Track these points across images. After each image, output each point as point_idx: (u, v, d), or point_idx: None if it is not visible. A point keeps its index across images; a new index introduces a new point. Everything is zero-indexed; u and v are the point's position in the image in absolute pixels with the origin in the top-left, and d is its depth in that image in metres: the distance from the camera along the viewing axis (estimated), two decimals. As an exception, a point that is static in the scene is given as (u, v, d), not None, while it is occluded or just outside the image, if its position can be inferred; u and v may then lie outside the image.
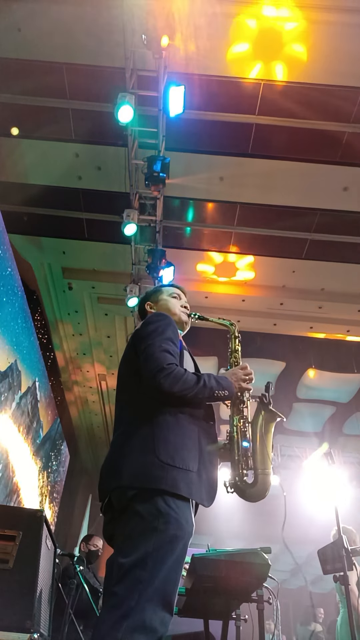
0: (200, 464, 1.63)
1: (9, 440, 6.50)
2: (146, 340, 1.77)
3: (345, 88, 5.33)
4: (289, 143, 5.93)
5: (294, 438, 11.22)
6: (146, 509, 1.49)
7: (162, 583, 1.40)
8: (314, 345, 8.91)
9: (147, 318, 1.96)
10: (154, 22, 4.35)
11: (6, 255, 6.18)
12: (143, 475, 1.53)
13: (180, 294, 2.25)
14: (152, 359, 1.69)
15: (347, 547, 3.15)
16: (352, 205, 6.55)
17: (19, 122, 6.00)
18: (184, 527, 1.50)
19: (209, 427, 1.77)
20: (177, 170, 6.30)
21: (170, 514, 1.48)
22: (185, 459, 1.59)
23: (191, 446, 1.64)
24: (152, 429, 1.62)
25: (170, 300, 2.19)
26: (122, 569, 1.41)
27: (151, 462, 1.55)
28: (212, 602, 2.62)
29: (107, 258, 7.65)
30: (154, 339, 1.76)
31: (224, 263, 7.66)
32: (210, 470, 1.68)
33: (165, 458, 1.55)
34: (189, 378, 1.68)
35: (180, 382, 1.64)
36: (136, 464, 1.56)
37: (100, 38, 5.11)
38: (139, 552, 1.42)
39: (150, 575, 1.39)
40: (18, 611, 2.20)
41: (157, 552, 1.42)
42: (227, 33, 5.01)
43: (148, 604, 1.35)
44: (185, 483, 1.54)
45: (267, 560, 2.36)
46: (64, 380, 10.84)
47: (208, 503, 1.63)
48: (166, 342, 1.76)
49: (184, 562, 1.53)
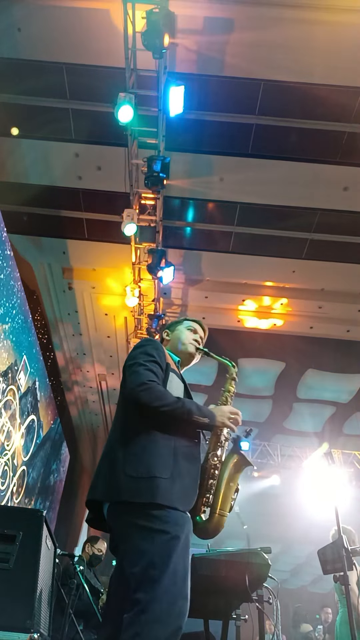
0: (174, 472, 1.74)
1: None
2: (133, 359, 1.96)
3: (345, 88, 5.33)
4: (289, 143, 5.93)
5: (294, 438, 11.23)
6: (140, 519, 1.65)
7: (172, 576, 1.57)
8: (314, 345, 8.91)
9: (138, 342, 2.18)
10: (154, 22, 4.35)
11: (6, 255, 6.18)
12: (119, 490, 1.70)
13: (198, 329, 2.35)
14: (135, 374, 1.87)
15: (347, 547, 3.16)
16: (352, 205, 6.55)
17: (19, 122, 6.00)
18: (177, 525, 1.66)
19: (190, 444, 1.88)
20: (177, 170, 6.30)
21: (161, 518, 1.65)
22: (153, 468, 1.71)
23: (165, 456, 1.77)
24: (128, 444, 1.79)
25: (185, 331, 2.31)
26: (136, 577, 1.57)
27: (123, 477, 1.71)
28: (212, 602, 2.62)
29: (107, 258, 7.65)
30: (140, 359, 1.95)
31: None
32: (187, 479, 1.79)
33: (131, 472, 1.71)
34: (167, 395, 1.84)
35: (159, 397, 1.80)
36: (113, 479, 1.74)
37: (100, 38, 5.11)
38: (145, 556, 1.59)
39: (160, 572, 1.55)
40: (18, 611, 2.20)
41: (161, 550, 1.59)
42: (228, 32, 5.01)
43: (164, 597, 1.53)
44: (151, 490, 1.67)
45: (267, 560, 2.36)
46: (64, 380, 10.84)
47: (182, 507, 1.73)
48: (150, 362, 1.93)
49: (189, 553, 1.68)
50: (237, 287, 7.95)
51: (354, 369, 9.25)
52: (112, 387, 10.59)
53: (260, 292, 7.95)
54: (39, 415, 8.12)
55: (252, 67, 5.26)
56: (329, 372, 9.32)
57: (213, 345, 2.36)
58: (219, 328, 8.45)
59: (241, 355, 9.03)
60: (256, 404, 10.35)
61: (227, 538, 11.27)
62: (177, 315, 8.28)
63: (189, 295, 8.04)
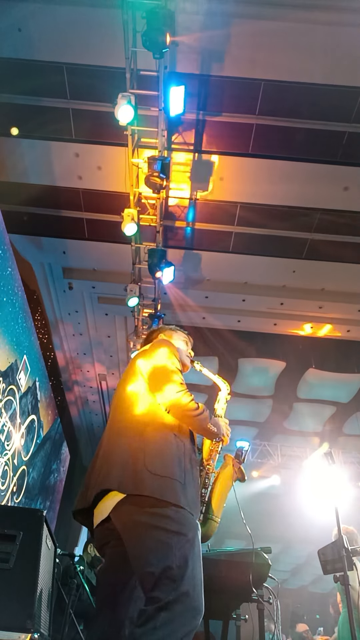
0: (187, 477, 1.81)
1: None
2: (167, 360, 2.07)
3: (345, 88, 5.33)
4: (289, 143, 5.92)
5: (294, 438, 11.23)
6: (156, 518, 1.68)
7: (192, 579, 1.62)
8: (314, 345, 8.91)
9: (160, 341, 2.28)
10: (154, 22, 4.34)
11: (6, 255, 6.18)
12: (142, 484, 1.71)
13: (189, 342, 2.51)
14: (174, 376, 2.00)
15: (347, 547, 3.15)
16: (352, 205, 6.54)
17: (19, 122, 6.00)
18: (192, 529, 1.71)
19: (193, 451, 1.97)
20: (177, 170, 6.31)
21: (179, 520, 1.69)
22: (172, 470, 1.77)
23: (180, 460, 1.83)
24: (149, 440, 1.83)
25: (182, 342, 2.45)
26: (154, 576, 1.59)
27: (146, 472, 1.74)
28: (212, 602, 2.62)
29: (107, 258, 7.65)
30: (175, 363, 2.07)
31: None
32: (194, 486, 1.85)
33: (153, 469, 1.74)
34: (196, 401, 1.94)
35: (191, 401, 1.91)
36: (136, 471, 1.75)
37: (100, 38, 5.11)
38: (165, 557, 1.60)
39: (181, 573, 1.60)
40: (18, 611, 2.20)
41: (180, 552, 1.62)
42: (228, 33, 5.01)
43: (186, 598, 1.58)
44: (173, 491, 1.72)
45: (267, 560, 2.36)
46: (64, 380, 10.84)
47: (195, 513, 1.77)
48: (176, 366, 2.07)
49: (201, 552, 1.72)
50: (237, 287, 7.95)
51: (354, 369, 9.25)
52: (112, 387, 10.58)
53: (261, 291, 7.95)
54: (39, 415, 8.11)
55: (252, 67, 5.26)
56: (329, 372, 9.31)
57: (213, 345, 2.41)
58: (219, 328, 8.46)
59: (241, 355, 9.04)
60: (256, 404, 10.35)
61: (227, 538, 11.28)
62: (178, 316, 8.28)
63: (189, 295, 8.04)
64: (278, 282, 7.83)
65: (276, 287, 7.91)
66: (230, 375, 9.37)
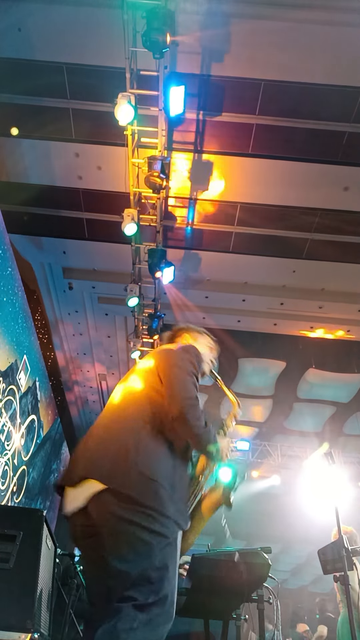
0: (173, 485, 1.74)
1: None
2: (183, 362, 1.94)
3: (345, 88, 5.33)
4: (289, 143, 5.92)
5: (294, 438, 11.23)
6: (137, 516, 1.62)
7: (172, 581, 1.63)
8: (314, 345, 8.90)
9: (186, 344, 2.12)
10: (154, 22, 4.34)
11: (6, 255, 6.18)
12: (129, 482, 1.64)
13: (215, 349, 2.37)
14: (186, 383, 1.86)
15: (347, 547, 3.15)
16: (352, 205, 6.54)
17: (19, 122, 6.00)
18: (174, 532, 1.69)
19: (186, 465, 1.90)
20: (177, 170, 6.30)
21: (161, 522, 1.64)
22: (158, 474, 1.70)
23: (169, 468, 1.76)
24: (142, 439, 1.76)
25: (206, 347, 2.31)
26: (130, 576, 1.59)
27: (135, 470, 1.67)
28: (212, 602, 2.62)
29: (107, 258, 7.65)
30: (190, 368, 1.93)
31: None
32: (182, 498, 1.80)
33: (142, 468, 1.68)
34: (203, 417, 1.82)
35: (199, 417, 1.78)
36: (124, 467, 1.68)
37: (100, 38, 5.10)
38: (143, 556, 1.59)
39: (160, 576, 1.59)
40: (18, 611, 2.20)
41: (160, 553, 1.61)
42: (228, 32, 5.01)
43: (165, 601, 1.58)
44: (158, 495, 1.66)
45: (267, 560, 2.36)
46: (64, 380, 10.84)
47: (179, 520, 1.71)
48: (194, 377, 1.92)
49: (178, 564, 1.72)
50: (237, 287, 7.95)
51: (354, 369, 9.25)
52: (112, 387, 10.57)
53: (261, 291, 7.95)
54: (39, 415, 8.12)
55: (253, 67, 5.26)
56: (329, 372, 9.31)
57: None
58: (219, 328, 8.45)
59: (241, 355, 9.04)
60: (256, 404, 10.35)
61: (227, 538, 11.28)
62: (178, 315, 8.28)
63: (189, 295, 8.04)
64: (278, 282, 7.83)
65: (276, 287, 7.91)
66: (230, 375, 9.37)
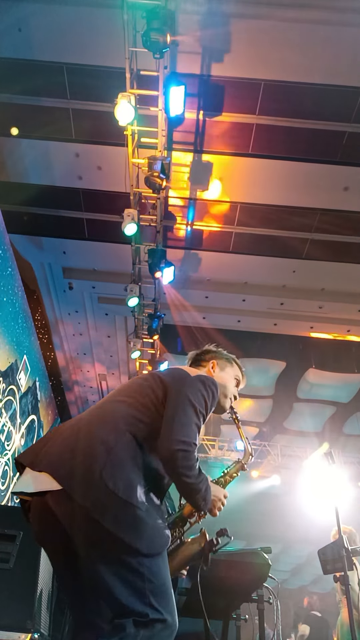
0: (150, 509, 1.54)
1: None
2: (195, 393, 1.68)
3: (345, 88, 5.33)
4: (289, 143, 5.92)
5: (294, 438, 11.23)
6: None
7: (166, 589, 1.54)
8: (314, 345, 8.91)
9: (208, 377, 1.81)
10: (154, 22, 4.35)
11: (6, 255, 6.18)
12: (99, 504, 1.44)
13: (241, 382, 2.12)
14: (189, 421, 1.60)
15: (347, 547, 3.15)
16: (352, 205, 6.55)
17: (19, 122, 6.00)
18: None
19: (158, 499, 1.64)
20: (177, 170, 6.30)
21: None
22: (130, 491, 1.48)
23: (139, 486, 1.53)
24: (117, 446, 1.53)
25: (232, 381, 2.07)
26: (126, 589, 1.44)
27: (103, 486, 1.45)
28: (212, 602, 2.62)
29: (107, 258, 7.66)
30: (200, 403, 1.67)
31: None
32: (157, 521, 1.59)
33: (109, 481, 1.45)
34: (195, 466, 1.59)
35: (190, 467, 1.56)
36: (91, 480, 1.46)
37: (100, 38, 5.11)
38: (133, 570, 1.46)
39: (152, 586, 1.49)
40: (18, 611, 2.20)
41: (150, 563, 1.49)
42: (228, 32, 5.01)
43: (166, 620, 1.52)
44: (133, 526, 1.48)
45: (268, 560, 2.36)
46: (64, 380, 10.84)
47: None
48: (203, 417, 1.68)
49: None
50: (237, 287, 7.95)
51: (354, 369, 9.26)
52: (112, 387, 10.58)
53: (261, 291, 7.95)
54: (39, 415, 8.12)
55: (253, 67, 5.26)
56: (329, 372, 9.32)
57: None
58: (220, 328, 8.45)
59: (241, 355, 9.04)
60: (256, 404, 10.35)
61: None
62: (178, 315, 8.28)
63: (189, 295, 8.04)
64: (278, 282, 7.83)
65: (276, 287, 7.91)
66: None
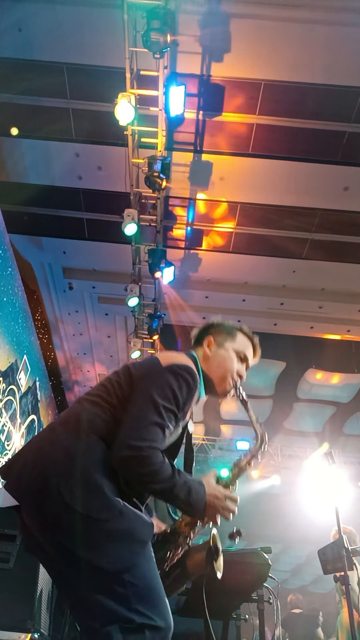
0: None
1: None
2: (159, 387, 1.43)
3: (345, 88, 5.33)
4: (289, 143, 5.92)
5: (294, 438, 11.22)
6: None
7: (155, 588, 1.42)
8: (314, 345, 8.91)
9: (181, 365, 1.50)
10: (155, 22, 4.35)
11: (6, 255, 6.18)
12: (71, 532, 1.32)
13: (249, 356, 1.78)
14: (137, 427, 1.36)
15: (347, 547, 3.15)
16: (352, 205, 6.54)
17: (19, 122, 6.00)
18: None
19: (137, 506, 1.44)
20: (177, 170, 6.30)
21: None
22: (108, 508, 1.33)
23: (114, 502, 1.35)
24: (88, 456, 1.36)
25: (233, 358, 1.73)
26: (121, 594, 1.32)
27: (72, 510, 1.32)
28: (212, 602, 2.62)
29: (107, 258, 7.65)
30: (164, 400, 1.41)
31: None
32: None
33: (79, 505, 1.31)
34: (172, 471, 1.38)
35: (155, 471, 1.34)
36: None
37: (100, 38, 5.10)
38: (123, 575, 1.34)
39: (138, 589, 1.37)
40: (18, 611, 2.20)
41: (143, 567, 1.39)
42: (228, 32, 5.01)
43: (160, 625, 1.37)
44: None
45: (268, 560, 2.36)
46: (64, 380, 10.84)
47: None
48: (171, 413, 1.42)
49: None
50: (237, 287, 7.95)
51: (354, 369, 9.25)
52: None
53: (261, 291, 7.95)
54: (39, 415, 8.12)
55: (253, 67, 5.26)
56: (329, 372, 9.32)
57: None
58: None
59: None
60: (256, 404, 10.35)
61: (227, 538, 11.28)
62: (178, 315, 8.28)
63: (189, 296, 8.04)
64: (278, 282, 7.83)
65: (276, 287, 7.91)
66: (230, 375, 9.36)
